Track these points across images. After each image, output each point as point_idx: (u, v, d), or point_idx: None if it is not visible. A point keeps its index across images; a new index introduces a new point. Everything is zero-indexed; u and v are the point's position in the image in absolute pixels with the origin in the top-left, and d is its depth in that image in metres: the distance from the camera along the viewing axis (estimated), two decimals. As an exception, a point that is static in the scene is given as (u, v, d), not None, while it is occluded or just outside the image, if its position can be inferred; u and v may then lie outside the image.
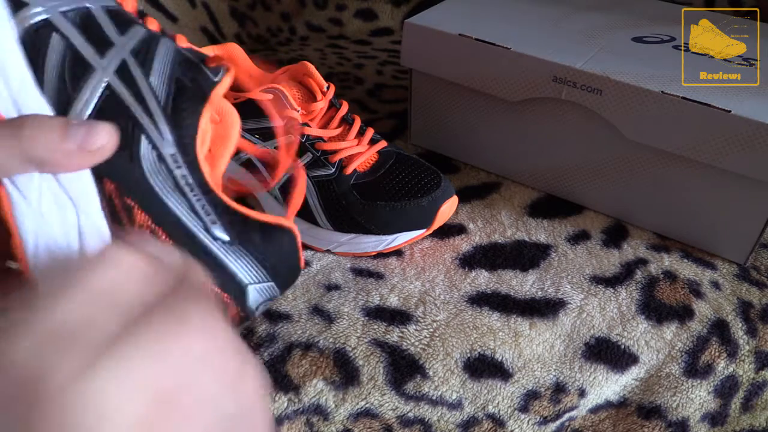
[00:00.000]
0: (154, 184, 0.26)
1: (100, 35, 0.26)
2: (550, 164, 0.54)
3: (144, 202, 0.26)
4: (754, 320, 0.44)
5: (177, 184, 0.26)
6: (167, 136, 0.26)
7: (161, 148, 0.26)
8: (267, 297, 0.30)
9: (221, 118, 0.30)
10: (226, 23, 0.84)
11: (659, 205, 0.50)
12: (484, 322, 0.42)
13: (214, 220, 0.27)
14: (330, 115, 0.49)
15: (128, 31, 0.27)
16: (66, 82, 0.25)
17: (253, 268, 0.29)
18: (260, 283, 0.29)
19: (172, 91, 0.26)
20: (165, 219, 0.26)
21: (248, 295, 0.29)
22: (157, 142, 0.26)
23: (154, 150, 0.26)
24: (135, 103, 0.26)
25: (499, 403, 0.41)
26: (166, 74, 0.27)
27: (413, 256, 0.47)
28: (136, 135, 0.25)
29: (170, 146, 0.26)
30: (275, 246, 0.29)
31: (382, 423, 0.40)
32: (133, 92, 0.26)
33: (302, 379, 0.39)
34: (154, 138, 0.26)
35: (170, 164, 0.26)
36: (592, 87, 0.47)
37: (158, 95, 0.26)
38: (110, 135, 0.23)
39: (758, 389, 0.44)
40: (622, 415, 0.43)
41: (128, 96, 0.26)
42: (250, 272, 0.29)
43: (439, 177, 0.46)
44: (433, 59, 0.54)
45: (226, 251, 0.28)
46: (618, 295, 0.45)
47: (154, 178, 0.26)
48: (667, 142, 0.46)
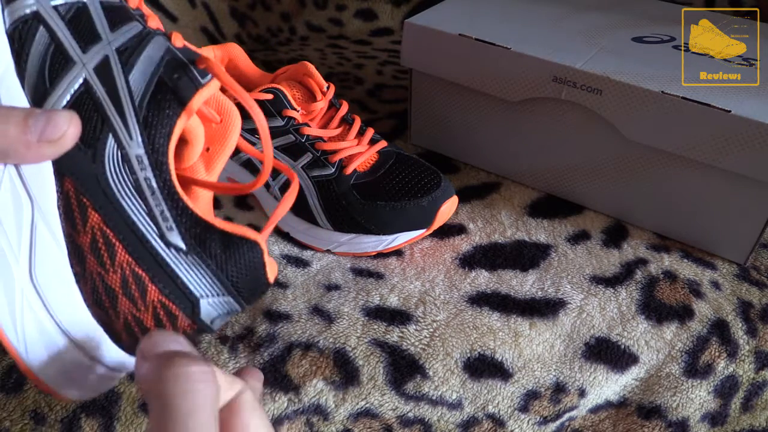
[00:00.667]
0: (113, 185, 0.25)
1: (89, 30, 0.26)
2: (550, 164, 0.54)
3: (99, 202, 0.25)
4: (754, 320, 0.44)
5: (138, 186, 0.26)
6: (136, 136, 0.25)
7: (128, 149, 0.25)
8: (224, 311, 0.28)
9: (222, 118, 0.29)
10: (226, 23, 0.84)
11: (659, 205, 0.50)
12: (484, 322, 0.42)
13: (171, 226, 0.26)
14: (330, 115, 0.49)
15: (121, 28, 0.27)
16: (45, 76, 0.24)
17: (207, 280, 0.27)
18: (215, 297, 0.27)
19: (151, 90, 0.26)
20: (117, 221, 0.25)
21: (200, 308, 0.27)
22: (125, 141, 0.25)
23: (120, 150, 0.25)
24: (108, 101, 0.25)
25: (499, 403, 0.41)
26: (149, 73, 0.26)
27: (413, 256, 0.47)
28: (104, 133, 0.25)
29: (138, 147, 0.25)
30: (236, 258, 0.28)
31: (382, 423, 0.40)
32: (108, 89, 0.25)
33: (302, 379, 0.39)
34: (121, 138, 0.25)
35: (135, 166, 0.25)
36: (592, 87, 0.47)
37: (134, 94, 0.26)
38: (70, 122, 0.23)
39: (758, 389, 0.44)
40: (622, 415, 0.43)
41: (102, 93, 0.25)
42: (205, 285, 0.27)
43: (439, 177, 0.46)
44: (433, 59, 0.54)
45: (180, 260, 0.26)
46: (618, 295, 0.45)
47: (115, 178, 0.25)
48: (667, 142, 0.46)
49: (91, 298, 0.26)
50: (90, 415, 0.36)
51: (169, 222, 0.26)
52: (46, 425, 0.36)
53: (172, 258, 0.26)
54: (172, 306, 0.26)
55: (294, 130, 0.47)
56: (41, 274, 0.25)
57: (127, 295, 0.26)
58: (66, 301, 0.25)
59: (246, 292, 0.28)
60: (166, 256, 0.26)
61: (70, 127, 0.23)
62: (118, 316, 0.26)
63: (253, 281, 0.28)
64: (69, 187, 0.25)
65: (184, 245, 0.26)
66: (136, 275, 0.26)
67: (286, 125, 0.46)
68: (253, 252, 0.28)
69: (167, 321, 0.26)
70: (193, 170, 0.30)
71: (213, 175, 0.31)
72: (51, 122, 0.23)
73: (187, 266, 0.27)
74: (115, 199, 0.25)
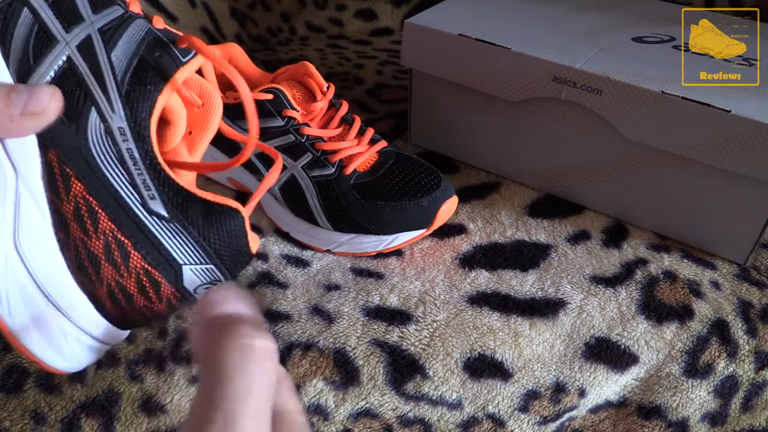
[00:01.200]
0: (96, 156, 0.26)
1: (72, 11, 0.27)
2: (550, 164, 0.54)
3: (82, 171, 0.26)
4: (754, 320, 0.44)
5: (121, 157, 0.26)
6: (119, 109, 0.26)
7: (110, 121, 0.26)
8: (207, 280, 0.29)
9: (203, 102, 0.30)
10: (226, 23, 0.84)
11: (659, 205, 0.50)
12: (484, 322, 0.42)
13: (153, 195, 0.27)
14: (330, 115, 0.49)
15: (103, 11, 0.27)
16: (29, 54, 0.25)
17: (190, 247, 0.28)
18: (197, 265, 0.28)
19: (133, 67, 0.27)
20: (100, 190, 0.26)
21: (183, 276, 0.28)
22: (107, 114, 0.26)
23: (103, 123, 0.26)
24: (91, 77, 0.26)
25: (499, 403, 0.41)
26: (131, 51, 0.27)
27: (413, 256, 0.47)
28: (86, 107, 0.26)
29: (120, 120, 0.26)
30: (218, 226, 0.28)
31: (382, 423, 0.40)
32: (90, 66, 0.26)
33: (302, 379, 0.39)
34: (104, 110, 0.26)
35: (117, 137, 0.26)
36: (592, 87, 0.47)
37: (117, 70, 0.26)
38: (52, 97, 0.24)
39: (758, 389, 0.44)
40: (622, 415, 0.43)
41: (85, 69, 0.26)
42: (187, 252, 0.28)
43: (439, 177, 0.46)
44: (433, 59, 0.54)
45: (162, 227, 0.27)
46: (618, 295, 0.45)
47: (98, 149, 0.26)
48: (667, 142, 0.46)
49: (75, 264, 0.26)
50: (90, 415, 0.36)
51: (152, 191, 0.27)
52: (46, 425, 0.36)
53: (154, 225, 0.27)
54: (155, 272, 0.27)
55: (294, 130, 0.47)
56: (25, 241, 0.25)
57: (110, 261, 0.26)
58: (50, 268, 0.26)
59: (228, 260, 0.29)
60: (149, 223, 0.27)
61: (52, 101, 0.24)
62: (102, 283, 0.27)
63: (235, 250, 0.29)
64: (53, 158, 0.25)
65: (166, 213, 0.27)
66: (119, 242, 0.26)
67: (286, 125, 0.46)
68: (234, 220, 0.29)
69: (150, 287, 0.27)
70: (176, 153, 0.31)
71: (196, 158, 0.31)
72: (34, 96, 0.24)
73: (170, 233, 0.27)
74: (97, 169, 0.26)
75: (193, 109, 0.30)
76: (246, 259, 0.30)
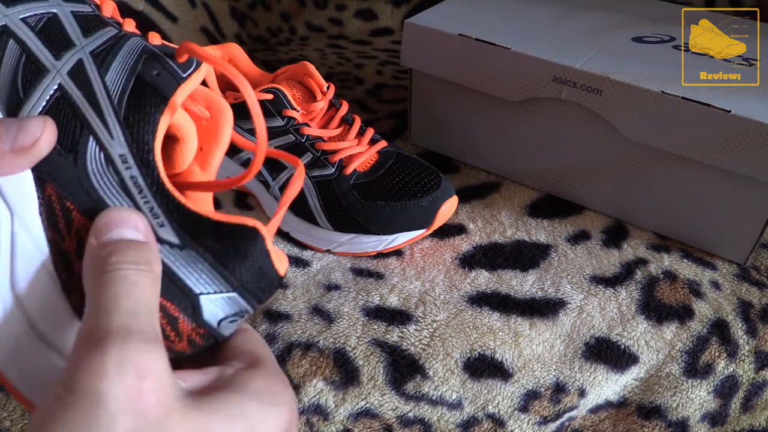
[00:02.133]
0: (98, 187, 0.24)
1: (61, 38, 0.25)
2: (550, 164, 0.54)
3: (84, 204, 0.24)
4: (754, 320, 0.44)
5: (124, 185, 0.25)
6: (118, 136, 0.24)
7: (110, 149, 0.24)
8: (231, 311, 0.26)
9: (212, 115, 0.28)
10: (226, 23, 0.84)
11: (659, 205, 0.50)
12: (484, 322, 0.42)
13: (162, 222, 0.25)
14: (330, 115, 0.49)
15: (95, 33, 0.26)
16: (18, 86, 0.24)
17: (206, 275, 0.25)
18: (217, 294, 0.25)
19: (130, 88, 0.25)
20: None
21: (202, 307, 0.25)
22: (106, 142, 0.24)
23: (102, 151, 0.24)
24: (85, 103, 0.24)
25: (499, 403, 0.41)
26: (126, 71, 0.25)
27: (413, 256, 0.47)
28: (83, 136, 0.24)
29: (121, 147, 0.24)
30: (236, 250, 0.25)
31: (382, 423, 0.40)
32: (84, 92, 0.25)
33: (302, 379, 0.39)
34: (102, 139, 0.24)
35: (119, 165, 0.24)
36: (592, 87, 0.47)
37: (112, 94, 0.25)
38: (44, 127, 0.23)
39: (758, 389, 0.44)
40: (622, 415, 0.43)
41: (79, 96, 0.24)
42: (204, 280, 0.25)
43: (439, 177, 0.46)
44: (433, 59, 0.54)
45: (174, 256, 0.25)
46: (618, 295, 0.45)
47: (99, 180, 0.24)
48: (667, 142, 0.46)
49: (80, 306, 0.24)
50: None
51: (160, 218, 0.25)
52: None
53: (165, 254, 0.25)
54: (169, 305, 0.25)
55: (294, 130, 0.47)
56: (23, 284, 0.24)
57: None
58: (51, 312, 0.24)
59: (252, 286, 0.26)
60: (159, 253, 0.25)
61: (44, 132, 0.23)
62: None
63: (259, 273, 0.26)
64: (51, 192, 0.24)
65: (177, 240, 0.25)
66: None
67: (286, 125, 0.47)
68: (253, 241, 0.26)
69: (167, 325, 0.25)
70: (188, 173, 0.29)
71: (210, 174, 0.29)
72: (23, 129, 0.22)
73: (183, 262, 0.25)
74: (99, 199, 0.24)
75: (201, 122, 0.28)
76: (273, 282, 0.27)
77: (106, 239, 0.23)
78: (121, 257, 0.22)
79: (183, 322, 0.25)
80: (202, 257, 0.25)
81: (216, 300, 0.25)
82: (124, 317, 0.20)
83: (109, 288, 0.21)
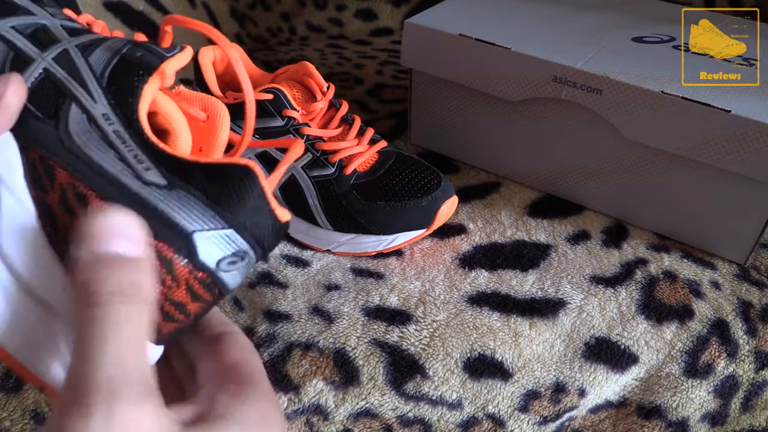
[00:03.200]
0: (80, 143, 0.24)
1: (48, 38, 0.26)
2: (550, 164, 0.54)
3: (66, 159, 0.24)
4: (754, 320, 0.44)
5: (107, 138, 0.24)
6: (100, 98, 0.25)
7: (92, 110, 0.25)
8: (230, 250, 0.25)
9: (208, 115, 0.28)
10: (226, 23, 0.84)
11: (659, 205, 0.50)
12: (484, 322, 0.42)
13: (147, 167, 0.24)
14: (330, 115, 0.49)
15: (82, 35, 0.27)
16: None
17: (198, 211, 0.24)
18: (212, 230, 0.24)
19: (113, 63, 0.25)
20: (87, 172, 0.24)
21: (197, 246, 0.24)
22: (88, 105, 0.25)
23: (84, 113, 0.25)
24: (68, 78, 0.25)
25: (499, 403, 0.41)
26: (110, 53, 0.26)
27: (413, 256, 0.47)
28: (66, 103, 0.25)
29: (103, 107, 0.25)
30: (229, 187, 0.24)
31: (382, 423, 0.40)
32: (68, 70, 0.25)
33: (302, 379, 0.39)
34: (84, 103, 0.25)
35: (101, 122, 0.24)
36: (592, 87, 0.47)
37: (95, 68, 0.25)
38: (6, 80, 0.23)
39: (758, 389, 0.44)
40: (622, 415, 0.43)
41: (63, 74, 0.25)
42: (196, 216, 0.24)
43: (439, 177, 0.46)
44: (433, 59, 0.54)
45: (163, 196, 0.24)
46: (618, 295, 0.45)
47: (82, 136, 0.24)
48: (667, 142, 0.46)
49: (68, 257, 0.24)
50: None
51: (145, 163, 0.24)
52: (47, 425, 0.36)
53: (153, 195, 0.24)
54: (163, 246, 0.23)
55: (294, 130, 0.47)
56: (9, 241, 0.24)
57: None
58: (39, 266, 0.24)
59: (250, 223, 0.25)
60: (147, 194, 0.24)
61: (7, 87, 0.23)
62: None
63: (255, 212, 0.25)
64: (35, 156, 0.24)
65: (164, 181, 0.24)
66: None
67: (286, 125, 0.46)
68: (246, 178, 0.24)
69: (162, 267, 0.23)
70: None
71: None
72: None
73: (173, 201, 0.24)
74: (82, 153, 0.24)
75: (198, 124, 0.28)
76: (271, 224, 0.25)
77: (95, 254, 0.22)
78: (111, 285, 0.21)
79: (178, 264, 0.24)
80: (192, 195, 0.24)
81: (211, 237, 0.24)
82: (111, 367, 0.19)
83: (96, 326, 0.20)
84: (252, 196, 0.25)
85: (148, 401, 0.20)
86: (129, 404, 0.19)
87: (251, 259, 0.25)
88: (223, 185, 0.24)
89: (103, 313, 0.20)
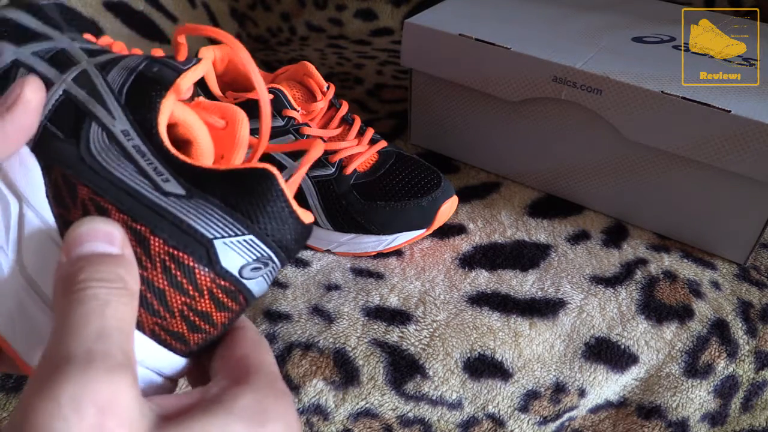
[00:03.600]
0: (101, 160, 0.25)
1: (68, 60, 0.27)
2: (550, 164, 0.54)
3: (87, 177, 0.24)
4: (754, 320, 0.44)
5: (127, 153, 0.25)
6: (119, 116, 0.25)
7: (112, 128, 0.25)
8: (252, 256, 0.25)
9: (227, 122, 0.29)
10: (226, 23, 0.84)
11: (659, 205, 0.50)
12: (484, 322, 0.42)
13: (167, 178, 0.24)
14: (330, 115, 0.49)
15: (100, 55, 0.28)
16: None
17: (218, 218, 0.24)
18: (232, 237, 0.24)
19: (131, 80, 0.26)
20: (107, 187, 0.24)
21: (217, 253, 0.24)
22: (108, 123, 0.25)
23: (104, 131, 0.25)
24: (88, 98, 0.26)
25: (499, 403, 0.41)
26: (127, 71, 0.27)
27: (413, 256, 0.47)
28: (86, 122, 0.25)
29: (122, 124, 0.25)
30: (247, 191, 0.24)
31: (382, 423, 0.40)
32: (87, 90, 0.26)
33: (302, 379, 0.39)
34: (104, 120, 0.25)
35: (121, 138, 0.25)
36: (592, 87, 0.47)
37: (113, 86, 0.26)
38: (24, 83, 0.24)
39: (758, 389, 0.44)
40: (622, 415, 0.43)
41: (83, 94, 0.26)
42: (215, 224, 0.24)
43: (439, 177, 0.46)
44: (433, 59, 0.54)
45: (182, 205, 0.24)
46: (618, 295, 0.45)
47: (102, 153, 0.25)
48: (667, 142, 0.46)
49: None
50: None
51: (164, 175, 0.25)
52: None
53: (172, 205, 0.24)
54: (182, 255, 0.24)
55: (294, 130, 0.47)
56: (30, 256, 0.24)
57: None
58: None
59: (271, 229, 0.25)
60: (166, 205, 0.24)
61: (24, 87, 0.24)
62: None
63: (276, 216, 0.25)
64: (57, 175, 0.25)
65: (183, 191, 0.24)
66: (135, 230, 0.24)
67: (286, 125, 0.47)
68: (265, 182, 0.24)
69: (183, 277, 0.24)
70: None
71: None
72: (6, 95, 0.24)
73: (192, 209, 0.24)
74: (101, 168, 0.25)
75: (219, 132, 0.29)
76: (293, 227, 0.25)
77: (75, 255, 0.22)
78: (92, 274, 0.21)
79: (200, 273, 0.24)
80: (211, 203, 0.24)
81: (232, 244, 0.24)
82: (89, 341, 0.19)
83: (78, 308, 0.20)
84: (272, 200, 0.24)
85: (124, 374, 0.19)
86: (103, 376, 0.18)
87: (276, 265, 0.25)
88: (242, 191, 0.24)
89: (87, 296, 0.20)
